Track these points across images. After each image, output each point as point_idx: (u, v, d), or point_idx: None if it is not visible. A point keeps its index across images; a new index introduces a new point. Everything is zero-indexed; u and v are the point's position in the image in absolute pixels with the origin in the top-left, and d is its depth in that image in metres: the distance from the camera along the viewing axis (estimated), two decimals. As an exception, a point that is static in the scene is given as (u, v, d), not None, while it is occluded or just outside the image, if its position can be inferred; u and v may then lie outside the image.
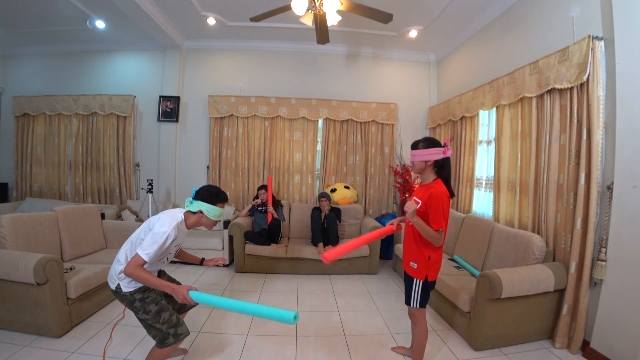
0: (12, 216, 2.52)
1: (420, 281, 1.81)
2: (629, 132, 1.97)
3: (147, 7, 3.47)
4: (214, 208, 1.73)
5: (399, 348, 2.24)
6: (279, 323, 2.54)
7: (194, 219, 1.75)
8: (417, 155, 1.77)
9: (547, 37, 2.65)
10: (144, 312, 1.66)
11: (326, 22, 2.76)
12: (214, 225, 1.79)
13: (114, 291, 1.69)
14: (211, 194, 1.74)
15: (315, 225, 3.74)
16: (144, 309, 1.65)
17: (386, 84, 4.76)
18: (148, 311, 1.66)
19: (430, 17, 3.71)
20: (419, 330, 1.90)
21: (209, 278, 3.49)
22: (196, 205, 1.73)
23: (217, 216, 1.75)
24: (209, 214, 1.73)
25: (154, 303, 1.68)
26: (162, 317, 1.67)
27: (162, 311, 1.68)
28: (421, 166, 1.78)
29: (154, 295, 1.70)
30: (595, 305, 2.14)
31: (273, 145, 4.55)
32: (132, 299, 1.66)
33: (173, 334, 1.67)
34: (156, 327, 1.66)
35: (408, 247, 1.87)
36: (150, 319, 1.65)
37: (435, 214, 1.66)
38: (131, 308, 1.68)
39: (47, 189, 4.68)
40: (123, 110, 4.45)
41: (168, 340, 1.66)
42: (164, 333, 1.66)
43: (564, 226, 2.34)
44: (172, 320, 1.69)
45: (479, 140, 3.60)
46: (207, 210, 1.73)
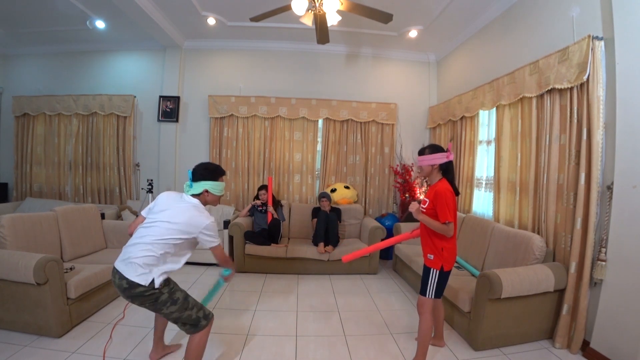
0: (12, 216, 2.52)
1: (436, 271, 1.93)
2: (629, 132, 1.97)
3: (147, 7, 3.47)
4: (217, 183, 1.76)
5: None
6: (278, 323, 2.56)
7: (203, 200, 1.77)
8: (425, 160, 1.95)
9: (547, 37, 2.65)
10: (171, 304, 1.62)
11: (326, 22, 2.76)
12: (218, 201, 1.84)
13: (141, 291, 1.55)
14: (210, 170, 1.76)
15: (320, 225, 3.73)
16: (171, 299, 1.63)
17: (386, 84, 4.76)
18: (176, 300, 1.64)
19: (430, 17, 3.71)
20: (425, 323, 1.96)
21: (209, 278, 3.48)
22: (198, 186, 1.73)
23: (221, 191, 1.79)
24: (214, 190, 1.75)
25: (179, 290, 1.70)
26: (190, 301, 1.69)
27: (188, 296, 1.71)
28: (428, 170, 1.97)
29: (174, 284, 1.71)
30: (595, 305, 2.14)
31: (273, 145, 4.55)
32: (159, 294, 1.60)
33: (203, 316, 1.71)
34: (185, 315, 1.65)
35: (424, 241, 2.02)
36: (179, 308, 1.63)
37: (441, 208, 1.83)
38: (155, 306, 1.61)
39: (47, 189, 4.68)
40: (123, 110, 4.45)
41: (201, 322, 1.69)
42: (195, 317, 1.68)
43: (564, 226, 2.34)
44: (197, 302, 1.73)
45: (479, 140, 3.60)
46: (212, 188, 1.74)
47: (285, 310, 2.78)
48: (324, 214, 3.78)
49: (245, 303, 2.90)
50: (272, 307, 2.83)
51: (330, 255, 3.62)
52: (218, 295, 3.02)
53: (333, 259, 3.63)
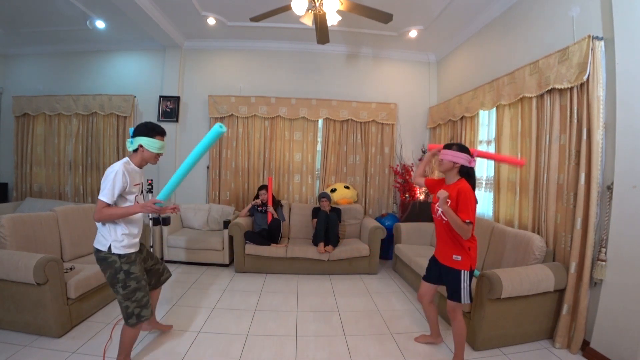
0: (12, 216, 2.52)
1: (467, 272, 1.91)
2: (629, 132, 1.97)
3: (147, 7, 3.47)
4: (153, 140, 1.81)
5: (421, 337, 2.34)
6: (278, 323, 2.56)
7: (138, 156, 1.84)
8: (449, 155, 1.91)
9: (547, 37, 2.65)
10: (122, 287, 1.73)
11: (326, 22, 2.76)
12: (155, 159, 1.88)
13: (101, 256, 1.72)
14: (147, 127, 1.83)
15: (320, 225, 3.73)
16: (124, 282, 1.73)
17: (386, 84, 4.76)
18: (127, 286, 1.74)
19: (430, 17, 3.71)
20: (459, 325, 1.98)
21: (209, 278, 3.49)
22: (135, 142, 1.80)
23: (157, 149, 1.84)
24: (148, 146, 1.81)
25: (136, 281, 1.77)
26: (136, 296, 1.76)
27: (138, 290, 1.77)
28: (449, 166, 1.92)
29: (138, 273, 1.79)
30: (595, 305, 2.14)
31: (273, 145, 4.55)
32: (118, 269, 1.72)
33: (137, 314, 1.76)
34: (123, 305, 1.75)
35: (446, 243, 1.97)
36: (125, 295, 1.74)
37: (465, 205, 1.79)
38: (112, 279, 1.73)
39: (47, 189, 4.68)
40: (123, 110, 4.45)
41: (131, 320, 1.76)
42: (130, 312, 1.75)
43: (564, 226, 2.34)
44: (142, 301, 1.78)
45: (479, 140, 3.59)
46: (146, 144, 1.81)
47: (285, 310, 2.78)
48: (324, 214, 3.78)
49: (245, 303, 2.90)
50: (272, 307, 2.83)
51: (330, 255, 3.62)
52: (218, 295, 3.03)
53: (333, 259, 3.63)
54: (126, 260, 1.76)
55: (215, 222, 4.22)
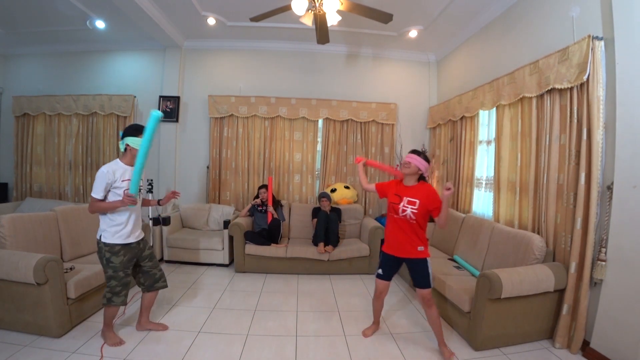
0: (12, 216, 2.52)
1: (429, 259, 2.14)
2: (629, 132, 1.97)
3: (147, 7, 3.47)
4: (137, 139, 2.02)
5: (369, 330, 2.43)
6: (278, 323, 2.56)
7: (127, 155, 2.07)
8: (417, 161, 2.13)
9: (547, 37, 2.65)
10: (104, 270, 2.08)
11: (326, 22, 2.76)
12: None
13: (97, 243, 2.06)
14: (132, 128, 2.06)
15: (320, 225, 3.73)
16: (105, 268, 2.07)
17: (386, 84, 4.76)
18: (106, 271, 2.07)
19: (430, 17, 3.71)
20: (436, 311, 2.16)
21: (209, 278, 3.49)
22: (123, 142, 2.04)
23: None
24: (134, 144, 2.02)
25: (112, 270, 2.05)
26: (110, 283, 2.06)
27: (113, 279, 2.06)
28: (415, 170, 2.14)
29: (116, 265, 2.05)
30: (595, 305, 2.14)
31: (273, 145, 4.55)
32: (102, 255, 2.04)
33: (108, 298, 2.06)
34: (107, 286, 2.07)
35: (408, 238, 2.12)
36: (105, 276, 2.09)
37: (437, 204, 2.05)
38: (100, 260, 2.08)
39: (47, 189, 4.68)
40: (123, 110, 4.45)
41: (103, 300, 2.08)
42: (104, 293, 2.07)
43: (564, 226, 2.34)
44: (114, 289, 2.07)
45: (479, 140, 3.60)
46: (132, 142, 2.02)
47: (285, 310, 2.78)
48: (324, 214, 3.78)
49: (245, 303, 2.90)
50: (272, 307, 2.83)
51: (330, 255, 3.62)
52: (218, 295, 3.03)
53: (333, 259, 3.63)
54: (109, 249, 2.03)
55: (215, 222, 4.22)
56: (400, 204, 2.11)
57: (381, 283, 2.29)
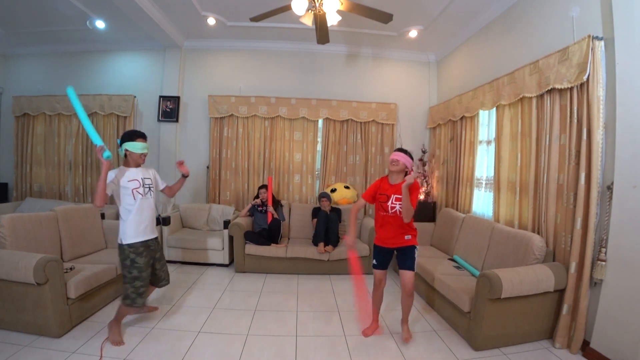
0: (12, 216, 2.52)
1: (417, 247, 2.29)
2: (629, 132, 1.97)
3: (147, 7, 3.47)
4: (134, 143, 2.11)
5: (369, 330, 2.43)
6: (278, 323, 2.56)
7: (129, 161, 2.15)
8: (405, 159, 2.27)
9: (547, 37, 2.65)
10: (127, 271, 2.08)
11: (326, 22, 2.76)
12: (140, 159, 2.18)
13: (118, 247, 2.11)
14: (128, 133, 2.15)
15: (320, 225, 3.73)
16: (128, 269, 2.08)
17: (386, 84, 4.75)
18: (130, 272, 2.08)
19: (430, 17, 3.71)
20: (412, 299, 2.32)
21: (209, 278, 3.49)
22: (122, 148, 2.13)
23: (139, 149, 2.13)
24: (132, 148, 2.11)
25: (138, 271, 2.10)
26: (135, 283, 2.09)
27: (137, 280, 2.09)
28: (402, 167, 2.26)
29: (142, 265, 2.11)
30: (595, 305, 2.14)
31: (273, 145, 4.55)
32: (126, 255, 2.08)
33: (132, 299, 2.09)
34: (126, 287, 2.09)
35: (397, 230, 2.25)
36: (127, 278, 2.09)
37: (416, 197, 2.16)
38: (122, 265, 2.10)
39: (47, 189, 4.68)
40: (123, 110, 4.45)
41: (127, 300, 2.09)
42: (127, 294, 2.09)
43: (564, 226, 2.34)
44: (139, 289, 2.10)
45: (479, 140, 3.59)
46: (130, 146, 2.11)
47: (285, 310, 2.78)
48: (324, 214, 3.78)
49: (245, 303, 2.90)
50: (272, 307, 2.83)
51: (330, 255, 3.62)
52: (218, 295, 3.03)
53: (333, 259, 3.63)
54: (134, 250, 2.09)
55: (215, 222, 4.22)
56: (388, 202, 2.21)
57: (378, 272, 2.39)
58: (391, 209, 2.20)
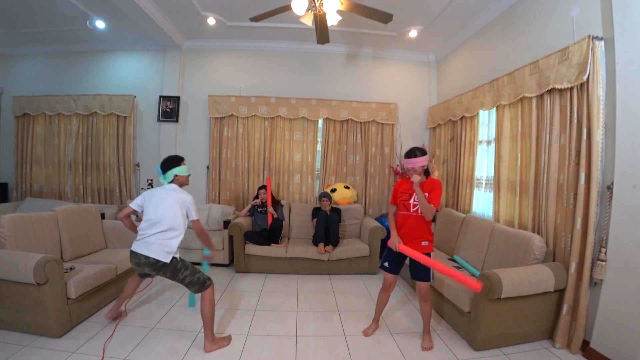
0: (12, 216, 2.51)
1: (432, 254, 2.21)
2: (629, 132, 1.97)
3: (147, 7, 3.47)
4: (181, 167, 2.26)
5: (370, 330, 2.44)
6: (278, 323, 2.56)
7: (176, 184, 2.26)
8: (419, 162, 2.15)
9: (547, 37, 2.65)
10: (185, 269, 2.14)
11: (326, 22, 2.76)
12: (187, 180, 2.34)
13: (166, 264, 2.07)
14: (172, 160, 2.25)
15: (320, 224, 3.74)
16: (185, 266, 2.15)
17: (386, 84, 4.76)
18: (187, 266, 2.17)
19: (430, 17, 3.71)
20: (429, 305, 2.26)
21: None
22: (169, 174, 2.22)
23: (187, 171, 2.30)
24: (181, 172, 2.26)
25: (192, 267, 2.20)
26: (196, 269, 2.21)
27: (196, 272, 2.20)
28: (420, 170, 2.16)
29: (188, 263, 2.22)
30: (595, 305, 2.14)
31: (273, 145, 4.55)
32: (176, 263, 2.13)
33: (207, 278, 2.21)
34: (195, 278, 2.16)
35: (414, 233, 2.20)
36: (190, 273, 2.15)
37: (436, 195, 2.12)
38: (174, 273, 2.11)
39: (47, 189, 4.68)
40: (123, 110, 4.45)
41: (207, 282, 2.18)
42: (203, 278, 2.18)
43: (564, 226, 2.34)
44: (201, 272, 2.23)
45: (479, 140, 3.59)
46: (179, 171, 2.24)
47: (285, 310, 2.78)
48: (324, 214, 3.78)
49: (245, 303, 2.90)
50: (272, 307, 2.83)
51: (330, 255, 3.62)
52: (218, 295, 3.02)
53: (333, 259, 3.63)
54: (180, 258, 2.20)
55: (215, 222, 4.21)
56: (410, 200, 2.20)
57: (389, 276, 2.37)
58: (413, 207, 2.18)
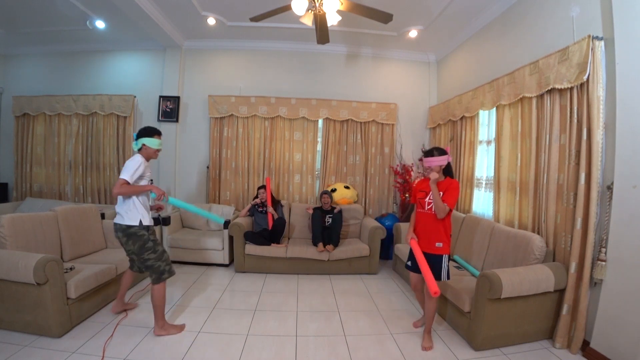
0: (12, 216, 2.52)
1: (447, 256, 2.22)
2: (629, 132, 1.97)
3: (147, 7, 3.47)
4: (151, 139, 2.25)
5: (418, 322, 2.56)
6: (278, 323, 2.56)
7: (143, 154, 2.26)
8: (435, 162, 2.19)
9: (547, 37, 2.65)
10: (152, 252, 2.19)
11: (326, 22, 2.76)
12: (155, 153, 2.33)
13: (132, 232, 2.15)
14: (147, 129, 2.27)
15: (315, 225, 3.74)
16: (154, 248, 2.20)
17: (386, 84, 4.76)
18: (156, 250, 2.21)
19: (430, 17, 3.71)
20: (435, 303, 2.26)
21: (209, 278, 3.49)
22: (139, 142, 2.25)
23: (156, 145, 2.29)
24: (149, 143, 2.25)
25: (160, 245, 2.28)
26: (164, 256, 2.26)
27: (165, 252, 2.28)
28: (438, 169, 2.21)
29: (158, 240, 2.28)
30: (595, 305, 2.14)
31: (273, 145, 4.55)
32: (147, 239, 2.19)
33: (168, 270, 2.26)
34: (156, 266, 2.20)
35: (431, 233, 2.22)
36: (155, 257, 2.20)
37: (451, 194, 2.13)
38: (142, 249, 2.18)
39: (47, 189, 4.68)
40: (123, 110, 4.45)
41: (164, 275, 2.22)
42: (162, 270, 2.21)
43: (564, 226, 2.34)
44: (168, 260, 2.29)
45: (479, 140, 3.59)
46: (147, 142, 2.24)
47: (285, 310, 2.78)
48: (318, 215, 3.80)
49: (245, 303, 2.90)
50: (272, 307, 2.83)
51: (330, 255, 3.62)
52: (218, 295, 3.03)
53: (333, 259, 3.63)
54: (151, 232, 2.27)
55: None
56: (426, 199, 2.24)
57: (413, 275, 2.43)
58: (428, 205, 2.22)
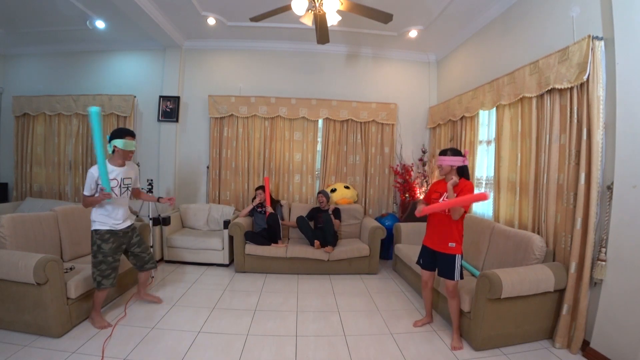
0: (12, 216, 2.52)
1: (460, 256, 2.24)
2: (629, 132, 1.97)
3: (147, 7, 3.47)
4: (122, 141, 2.25)
5: (419, 322, 2.57)
6: (278, 323, 2.56)
7: (116, 156, 2.30)
8: (446, 161, 2.25)
9: (547, 37, 2.65)
10: (93, 256, 2.29)
11: (326, 22, 2.76)
12: (128, 156, 2.34)
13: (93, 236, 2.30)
14: (118, 131, 2.28)
15: (304, 229, 3.78)
16: (94, 253, 2.28)
17: (386, 84, 4.76)
18: (95, 257, 2.28)
19: (430, 17, 3.71)
20: (458, 302, 2.30)
21: (209, 278, 3.49)
22: (111, 145, 2.26)
23: (126, 146, 2.27)
24: (119, 145, 2.25)
25: (102, 255, 2.28)
26: (100, 267, 2.28)
27: (102, 264, 2.28)
28: (447, 169, 2.27)
29: (106, 251, 2.28)
30: (595, 305, 2.14)
31: (273, 145, 4.55)
32: (94, 241, 2.28)
33: (98, 282, 2.28)
34: (92, 272, 2.29)
35: (444, 233, 2.26)
36: (93, 263, 2.29)
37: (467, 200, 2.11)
38: (91, 248, 2.31)
39: (47, 189, 4.68)
40: (123, 110, 4.45)
41: (101, 285, 2.28)
42: (93, 277, 2.29)
43: (564, 226, 2.34)
44: (104, 272, 2.29)
45: (479, 140, 3.59)
46: (118, 143, 2.24)
47: (285, 310, 2.78)
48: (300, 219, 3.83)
49: (245, 303, 2.90)
50: (272, 307, 2.83)
51: (330, 255, 3.62)
52: (218, 295, 3.03)
53: (333, 259, 3.63)
54: (100, 237, 2.28)
55: (215, 222, 4.22)
56: (440, 199, 2.28)
57: (424, 273, 2.48)
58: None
